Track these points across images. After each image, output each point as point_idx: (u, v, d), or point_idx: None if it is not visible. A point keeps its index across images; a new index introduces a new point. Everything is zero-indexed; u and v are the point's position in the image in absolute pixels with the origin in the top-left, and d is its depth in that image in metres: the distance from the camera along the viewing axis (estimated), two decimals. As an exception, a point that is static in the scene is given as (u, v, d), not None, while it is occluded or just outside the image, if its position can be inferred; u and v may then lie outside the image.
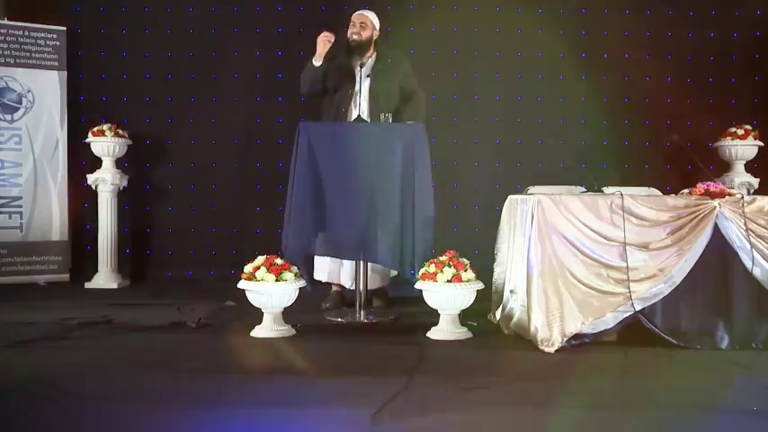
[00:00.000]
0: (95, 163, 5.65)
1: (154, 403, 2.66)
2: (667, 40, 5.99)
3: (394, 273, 4.51)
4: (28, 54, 5.69)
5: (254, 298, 3.72)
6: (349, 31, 4.55)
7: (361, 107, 4.46)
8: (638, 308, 3.46)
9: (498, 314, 3.96)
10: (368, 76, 4.51)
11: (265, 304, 3.72)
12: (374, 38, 4.58)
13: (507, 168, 5.98)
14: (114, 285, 5.52)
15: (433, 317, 3.79)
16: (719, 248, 3.51)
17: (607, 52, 6.03)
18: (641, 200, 3.54)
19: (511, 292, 3.83)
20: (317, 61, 4.50)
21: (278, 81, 6.01)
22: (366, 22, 4.54)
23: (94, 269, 5.62)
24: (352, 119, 4.48)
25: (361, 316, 4.21)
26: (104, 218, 5.59)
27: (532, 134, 5.96)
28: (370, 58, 4.57)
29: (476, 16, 6.01)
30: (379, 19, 4.69)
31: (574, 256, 3.49)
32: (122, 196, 5.78)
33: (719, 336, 3.51)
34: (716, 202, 3.49)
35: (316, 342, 3.65)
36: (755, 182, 5.59)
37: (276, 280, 3.66)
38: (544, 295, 3.46)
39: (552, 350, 3.39)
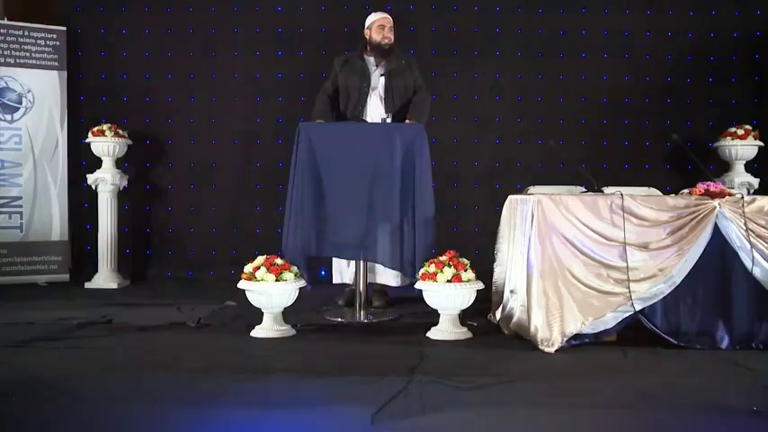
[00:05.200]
0: (95, 163, 5.65)
1: (154, 403, 2.65)
2: (667, 40, 6.00)
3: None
4: (28, 54, 5.70)
5: (254, 298, 3.72)
6: (378, 36, 4.55)
7: (375, 105, 4.50)
8: (638, 308, 3.46)
9: (498, 314, 3.96)
10: (382, 75, 4.54)
11: (265, 304, 3.72)
12: None
13: (507, 168, 5.98)
14: (114, 285, 5.52)
15: (433, 317, 3.79)
16: (719, 248, 3.51)
17: (607, 52, 6.03)
18: (641, 200, 3.54)
19: (511, 292, 3.83)
20: None
21: (278, 81, 6.02)
22: (392, 26, 4.59)
23: (94, 269, 5.62)
24: (368, 117, 4.53)
25: (361, 316, 4.21)
26: (104, 218, 5.59)
27: (532, 134, 5.97)
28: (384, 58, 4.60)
29: (476, 16, 6.02)
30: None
31: (574, 256, 3.49)
32: (122, 196, 5.79)
33: (719, 336, 3.51)
34: (716, 202, 3.49)
35: (316, 342, 3.65)
36: (755, 182, 5.60)
37: (276, 280, 3.66)
38: (544, 295, 3.46)
39: (552, 350, 3.39)
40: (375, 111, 4.53)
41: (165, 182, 6.08)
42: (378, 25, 4.59)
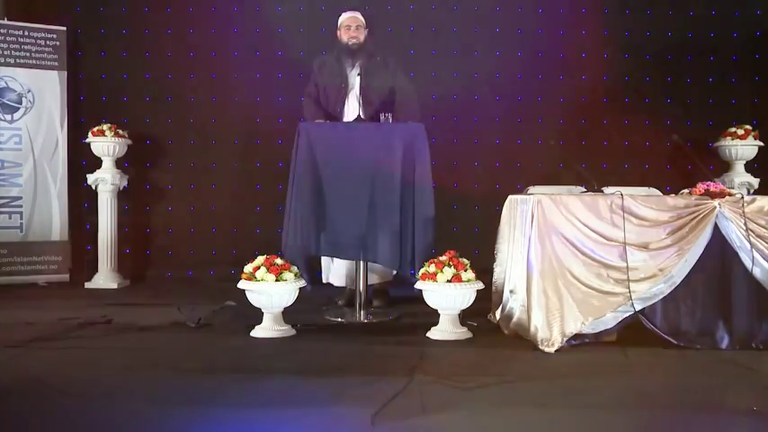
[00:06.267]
0: (95, 163, 5.65)
1: (154, 403, 2.65)
2: (667, 40, 6.00)
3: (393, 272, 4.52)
4: (28, 54, 5.69)
5: (254, 298, 3.72)
6: (346, 36, 4.57)
7: (353, 105, 4.49)
8: (638, 308, 3.46)
9: (498, 314, 3.96)
10: (359, 74, 4.53)
11: (265, 304, 3.72)
12: (366, 37, 4.61)
13: (507, 168, 5.98)
14: (114, 285, 5.52)
15: (433, 317, 3.79)
16: (719, 248, 3.51)
17: (607, 52, 6.03)
18: (641, 200, 3.54)
19: (511, 292, 3.82)
20: None
21: (278, 81, 6.02)
22: (360, 24, 4.59)
23: (94, 269, 5.62)
24: (346, 117, 4.51)
25: (361, 316, 4.21)
26: (104, 218, 5.59)
27: (532, 134, 5.96)
28: (361, 57, 4.59)
29: (476, 16, 6.01)
30: (379, 19, 4.70)
31: (574, 256, 3.49)
32: (122, 196, 5.79)
33: (719, 336, 3.51)
34: (716, 202, 3.49)
35: (316, 342, 3.65)
36: (755, 182, 5.60)
37: (276, 280, 3.66)
38: (544, 295, 3.46)
39: (552, 350, 3.39)
40: (353, 111, 4.52)
41: (165, 182, 6.08)
42: (345, 26, 4.60)
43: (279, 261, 3.74)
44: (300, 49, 5.99)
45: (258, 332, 3.73)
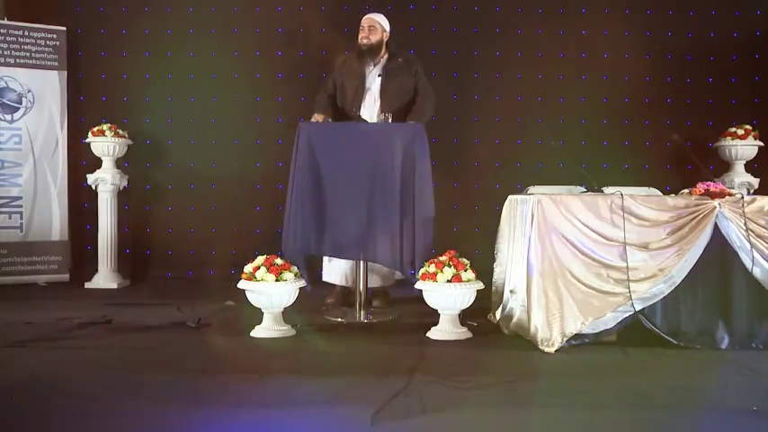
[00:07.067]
0: (95, 163, 5.65)
1: (154, 403, 2.66)
2: (667, 39, 6.00)
3: (399, 275, 4.51)
4: (28, 54, 5.70)
5: (254, 298, 3.72)
6: (359, 36, 4.57)
7: (371, 105, 4.49)
8: (638, 308, 3.46)
9: (498, 314, 3.96)
10: (379, 75, 4.53)
11: (265, 304, 3.72)
12: (384, 39, 4.60)
13: (507, 168, 5.98)
14: (114, 285, 5.52)
15: (433, 317, 3.79)
16: (719, 248, 3.51)
17: (607, 52, 6.03)
18: (641, 200, 3.54)
19: (511, 292, 3.83)
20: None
21: (278, 81, 6.02)
22: (375, 25, 4.57)
23: (94, 269, 5.62)
24: (363, 116, 4.51)
25: (361, 316, 4.21)
26: (104, 218, 5.59)
27: (532, 134, 5.96)
28: (382, 58, 4.59)
29: (476, 16, 6.01)
30: (380, 19, 4.70)
31: (574, 256, 3.49)
32: (122, 196, 5.79)
33: (719, 336, 3.51)
34: (716, 202, 3.49)
35: (316, 342, 3.65)
36: (755, 182, 5.60)
37: (276, 280, 3.66)
38: (544, 295, 3.46)
39: (552, 350, 3.39)
40: (371, 111, 4.52)
41: (165, 182, 6.09)
42: (360, 27, 4.60)
43: (279, 261, 3.74)
44: (300, 48, 6.00)
45: (258, 332, 3.73)
